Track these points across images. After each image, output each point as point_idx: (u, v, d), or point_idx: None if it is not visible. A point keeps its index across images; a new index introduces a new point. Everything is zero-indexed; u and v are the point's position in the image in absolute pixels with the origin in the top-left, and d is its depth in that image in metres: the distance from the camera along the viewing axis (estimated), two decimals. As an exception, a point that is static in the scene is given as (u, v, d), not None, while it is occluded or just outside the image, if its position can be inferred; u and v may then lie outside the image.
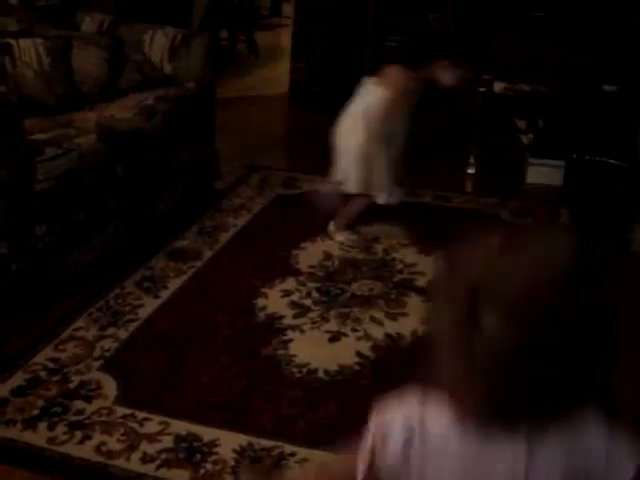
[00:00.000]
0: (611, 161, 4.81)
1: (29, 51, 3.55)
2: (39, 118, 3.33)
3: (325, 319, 3.02)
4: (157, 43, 4.20)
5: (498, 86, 5.02)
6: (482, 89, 4.96)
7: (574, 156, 4.89)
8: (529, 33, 5.36)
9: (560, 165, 4.80)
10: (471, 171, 4.95)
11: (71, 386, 2.55)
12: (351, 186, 3.56)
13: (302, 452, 2.28)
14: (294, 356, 2.75)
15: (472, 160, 4.96)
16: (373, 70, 3.70)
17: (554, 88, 4.98)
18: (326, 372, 2.68)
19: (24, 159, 2.95)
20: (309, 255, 3.56)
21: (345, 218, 3.78)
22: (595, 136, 4.96)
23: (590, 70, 5.14)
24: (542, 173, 4.80)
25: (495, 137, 5.09)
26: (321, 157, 3.72)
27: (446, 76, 3.58)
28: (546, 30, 5.36)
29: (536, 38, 5.34)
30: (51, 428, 2.34)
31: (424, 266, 3.50)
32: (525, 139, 5.03)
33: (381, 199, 3.63)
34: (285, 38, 7.68)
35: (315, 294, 3.22)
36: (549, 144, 4.92)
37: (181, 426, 2.38)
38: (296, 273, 3.38)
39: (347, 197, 3.70)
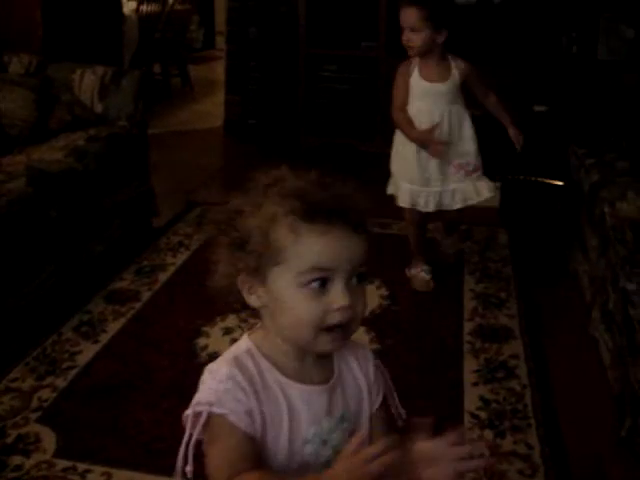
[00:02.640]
0: (545, 180, 4.89)
1: (-47, 96, 3.48)
2: (-34, 165, 3.26)
3: (268, 355, 2.98)
4: (86, 82, 4.15)
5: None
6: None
7: (509, 177, 4.95)
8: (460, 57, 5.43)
9: (496, 187, 4.85)
10: (409, 196, 4.96)
11: (8, 441, 2.46)
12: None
13: (250, 495, 2.24)
14: (238, 395, 2.70)
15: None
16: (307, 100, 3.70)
17: (485, 111, 5.04)
18: (271, 410, 2.63)
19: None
20: (250, 290, 3.52)
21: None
22: (528, 156, 5.03)
23: (520, 91, 5.23)
24: (479, 195, 4.83)
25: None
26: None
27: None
28: (475, 54, 5.44)
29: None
30: (-12, 487, 2.26)
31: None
32: (460, 162, 5.06)
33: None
34: (219, 71, 7.67)
35: (257, 330, 3.18)
36: (484, 166, 4.96)
37: (124, 476, 2.32)
38: (237, 310, 3.34)
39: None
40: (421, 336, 3.21)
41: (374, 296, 3.51)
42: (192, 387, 1.26)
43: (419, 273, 3.65)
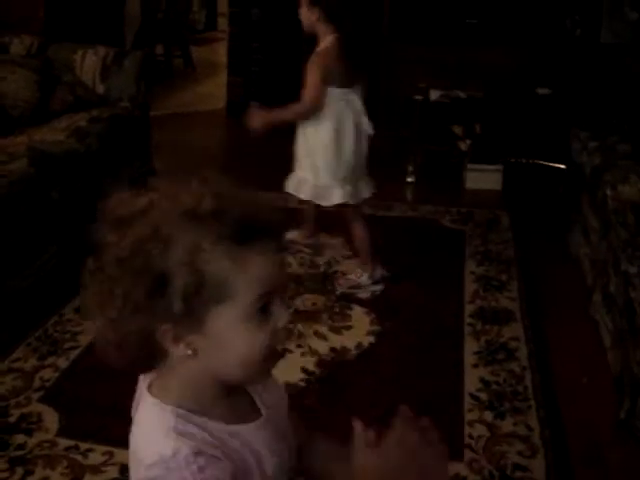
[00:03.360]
0: (547, 163, 4.89)
1: (-45, 76, 3.47)
2: (-32, 145, 3.26)
3: (269, 336, 2.99)
4: (88, 63, 4.15)
5: (434, 94, 5.06)
6: (419, 97, 5.00)
7: (512, 160, 4.95)
8: (463, 40, 5.42)
9: (498, 169, 4.86)
10: (411, 179, 4.97)
11: (11, 420, 2.47)
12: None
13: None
14: (239, 376, 2.72)
15: (411, 168, 4.98)
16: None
17: (489, 93, 5.04)
18: (272, 391, 2.64)
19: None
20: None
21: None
22: (531, 139, 5.03)
23: (523, 74, 5.22)
24: (481, 178, 4.85)
25: (433, 144, 5.13)
26: (259, 172, 3.71)
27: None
28: (479, 37, 5.43)
29: (470, 45, 5.41)
30: (-10, 465, 2.28)
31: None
32: (463, 145, 5.07)
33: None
34: (221, 52, 7.65)
35: (259, 311, 3.18)
36: (486, 149, 4.97)
37: (126, 455, 2.29)
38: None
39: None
40: (421, 318, 3.21)
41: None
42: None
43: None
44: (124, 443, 2.42)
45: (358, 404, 2.52)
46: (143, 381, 1.12)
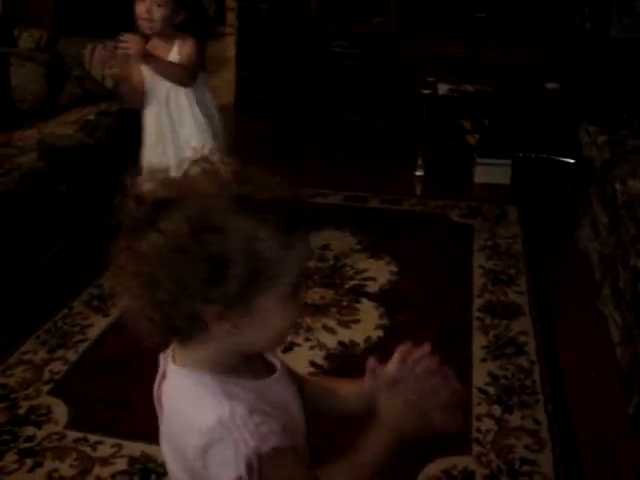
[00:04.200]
0: (556, 157, 4.87)
1: (-36, 70, 3.49)
2: (-23, 138, 3.28)
3: (278, 330, 2.99)
4: (97, 57, 4.15)
5: (443, 88, 5.05)
6: (427, 91, 4.99)
7: (520, 154, 4.94)
8: (471, 34, 5.41)
9: (507, 164, 4.85)
10: (419, 173, 4.97)
11: (20, 412, 2.49)
12: None
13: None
14: (247, 369, 2.72)
15: (420, 163, 4.98)
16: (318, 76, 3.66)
17: (498, 88, 5.03)
18: (280, 384, 2.65)
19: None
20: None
21: None
22: (540, 133, 5.02)
23: (532, 68, 5.21)
24: (489, 172, 4.84)
25: (442, 139, 5.12)
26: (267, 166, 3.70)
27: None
28: (488, 31, 5.41)
29: (478, 39, 5.39)
30: (0, 457, 2.28)
31: (376, 271, 3.50)
32: (471, 139, 5.06)
33: None
34: (230, 47, 7.64)
35: (267, 305, 3.19)
36: (495, 143, 4.96)
37: (135, 447, 2.34)
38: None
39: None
40: (430, 312, 3.21)
41: (384, 272, 3.51)
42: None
43: None
44: (133, 435, 2.45)
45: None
46: (164, 358, 1.16)
